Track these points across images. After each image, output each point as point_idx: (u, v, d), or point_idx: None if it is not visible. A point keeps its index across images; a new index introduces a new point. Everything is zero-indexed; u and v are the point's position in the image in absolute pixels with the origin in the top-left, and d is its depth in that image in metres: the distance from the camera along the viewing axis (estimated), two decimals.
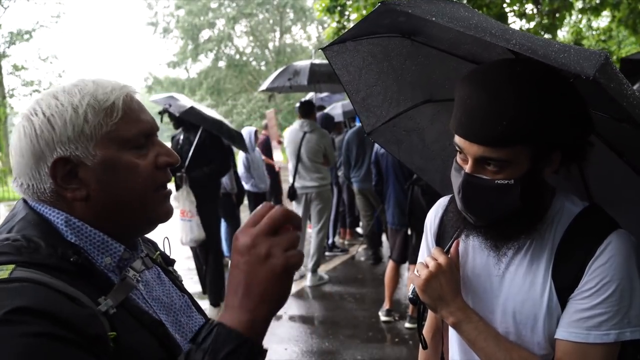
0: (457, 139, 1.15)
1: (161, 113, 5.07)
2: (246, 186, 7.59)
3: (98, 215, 0.93)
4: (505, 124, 1.05)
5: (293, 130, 6.19)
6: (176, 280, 1.13)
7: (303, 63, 7.23)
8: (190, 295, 1.13)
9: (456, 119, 1.14)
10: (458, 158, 1.19)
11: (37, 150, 0.90)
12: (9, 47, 25.21)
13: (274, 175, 8.50)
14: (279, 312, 5.95)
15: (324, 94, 8.49)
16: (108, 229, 0.95)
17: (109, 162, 0.92)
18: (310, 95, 8.54)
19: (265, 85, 7.68)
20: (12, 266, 0.82)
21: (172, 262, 1.16)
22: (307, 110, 6.18)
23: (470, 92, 1.10)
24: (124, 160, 0.93)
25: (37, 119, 0.91)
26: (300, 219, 0.86)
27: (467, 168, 1.15)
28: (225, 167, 5.16)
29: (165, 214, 1.01)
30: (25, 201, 0.96)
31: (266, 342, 0.84)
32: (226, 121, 5.16)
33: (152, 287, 1.03)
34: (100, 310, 0.85)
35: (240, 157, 7.49)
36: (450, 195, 1.44)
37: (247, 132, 7.60)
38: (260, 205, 0.86)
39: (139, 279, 0.98)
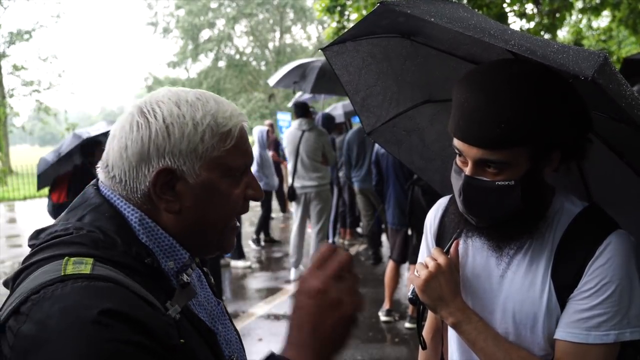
0: (456, 142, 1.15)
1: None
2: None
3: (178, 227, 0.92)
4: (503, 126, 1.05)
5: (292, 130, 6.23)
6: (211, 283, 1.13)
7: (312, 67, 7.16)
8: (222, 301, 1.14)
9: (454, 122, 1.14)
10: (458, 160, 1.19)
11: (144, 152, 0.88)
12: (8, 47, 25.24)
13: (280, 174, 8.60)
14: (279, 312, 5.90)
15: (309, 96, 8.45)
16: (179, 238, 0.93)
17: (209, 185, 0.91)
18: (298, 95, 8.53)
19: (273, 81, 7.72)
20: (91, 260, 0.81)
21: (205, 262, 1.16)
22: (303, 110, 6.23)
23: (467, 94, 1.10)
24: (223, 187, 0.92)
25: (155, 122, 0.88)
26: (352, 262, 0.89)
27: (467, 170, 1.14)
28: None
29: (230, 247, 1.01)
30: (97, 189, 0.94)
31: (266, 342, 0.85)
32: None
33: (197, 292, 1.02)
34: (170, 315, 0.85)
35: (254, 155, 7.58)
36: (450, 196, 1.44)
37: (259, 131, 7.70)
38: (324, 247, 0.89)
39: (188, 281, 0.97)
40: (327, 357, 0.84)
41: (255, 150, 7.63)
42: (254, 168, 7.58)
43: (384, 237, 7.17)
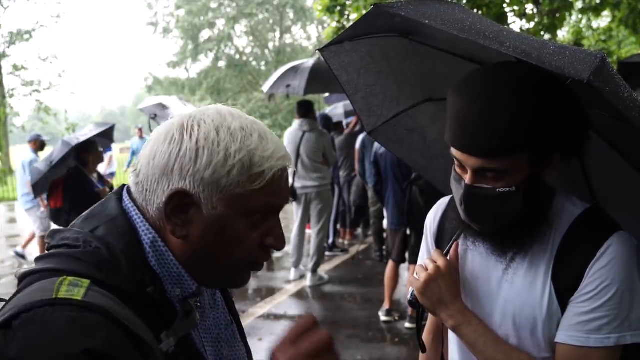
0: (454, 152, 1.14)
1: (153, 118, 5.21)
2: None
3: (184, 255, 0.89)
4: (501, 134, 1.04)
5: (292, 131, 6.21)
6: (228, 299, 1.09)
7: (303, 68, 7.13)
8: (238, 322, 1.09)
9: (451, 131, 1.12)
10: (456, 168, 1.18)
11: (168, 167, 0.84)
12: (9, 47, 25.24)
13: None
14: (279, 312, 5.89)
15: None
16: (186, 266, 0.90)
17: (222, 220, 0.86)
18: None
19: (266, 87, 7.71)
20: (87, 283, 0.79)
21: None
22: (306, 109, 6.19)
23: (462, 104, 1.08)
24: (237, 227, 0.87)
25: (189, 141, 0.84)
26: (333, 342, 0.84)
27: (467, 179, 1.13)
28: None
29: (241, 284, 0.96)
30: (119, 199, 0.91)
31: (266, 342, 0.84)
32: None
33: (206, 315, 0.99)
34: (162, 349, 0.82)
35: None
36: (450, 197, 1.43)
37: None
38: (303, 319, 0.84)
39: (198, 305, 0.95)
40: None
41: None
42: None
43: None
